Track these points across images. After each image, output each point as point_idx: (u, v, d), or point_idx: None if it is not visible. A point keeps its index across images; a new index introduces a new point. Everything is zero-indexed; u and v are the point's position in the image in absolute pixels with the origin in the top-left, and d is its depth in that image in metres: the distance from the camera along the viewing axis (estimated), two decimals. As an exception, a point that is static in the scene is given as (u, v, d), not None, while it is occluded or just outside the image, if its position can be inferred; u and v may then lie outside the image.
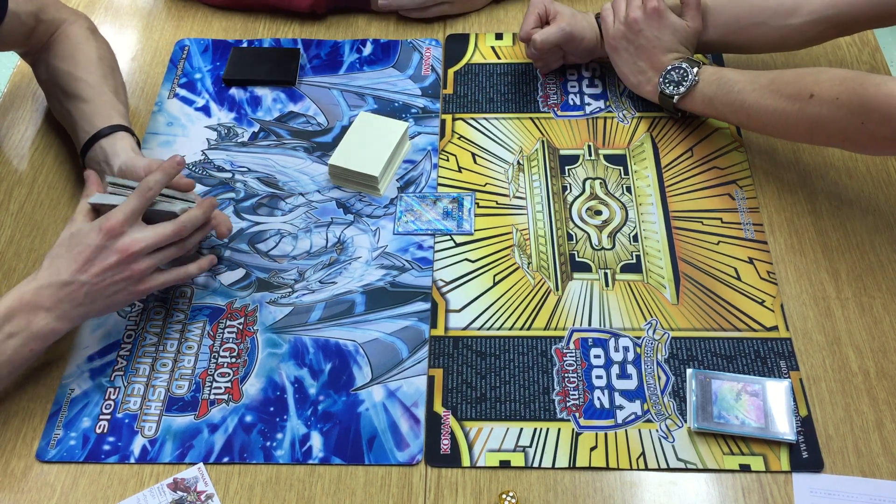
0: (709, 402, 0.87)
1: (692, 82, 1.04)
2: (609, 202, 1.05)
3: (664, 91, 1.07)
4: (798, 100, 0.95)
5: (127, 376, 0.91)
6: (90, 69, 1.03)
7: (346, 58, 1.22)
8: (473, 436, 0.87)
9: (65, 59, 1.04)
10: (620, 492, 0.83)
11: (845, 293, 0.96)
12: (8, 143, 1.13)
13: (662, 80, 1.07)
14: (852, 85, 0.90)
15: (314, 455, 0.85)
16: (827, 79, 0.93)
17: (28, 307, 0.82)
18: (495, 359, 0.92)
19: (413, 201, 1.06)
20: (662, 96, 1.07)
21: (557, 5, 1.14)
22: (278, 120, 1.15)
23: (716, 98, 1.03)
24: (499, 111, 1.15)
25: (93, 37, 1.08)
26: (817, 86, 0.93)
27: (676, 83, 1.05)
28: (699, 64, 1.05)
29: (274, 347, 0.93)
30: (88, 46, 1.05)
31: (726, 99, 1.02)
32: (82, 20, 1.09)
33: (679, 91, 1.05)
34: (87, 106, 1.00)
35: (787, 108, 0.96)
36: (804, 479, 0.83)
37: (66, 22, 1.08)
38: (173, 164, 0.88)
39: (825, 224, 1.02)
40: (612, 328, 0.94)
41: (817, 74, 0.95)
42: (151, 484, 0.84)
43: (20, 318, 0.82)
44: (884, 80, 0.89)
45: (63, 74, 1.03)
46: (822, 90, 0.93)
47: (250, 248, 1.02)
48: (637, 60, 1.09)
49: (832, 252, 1.00)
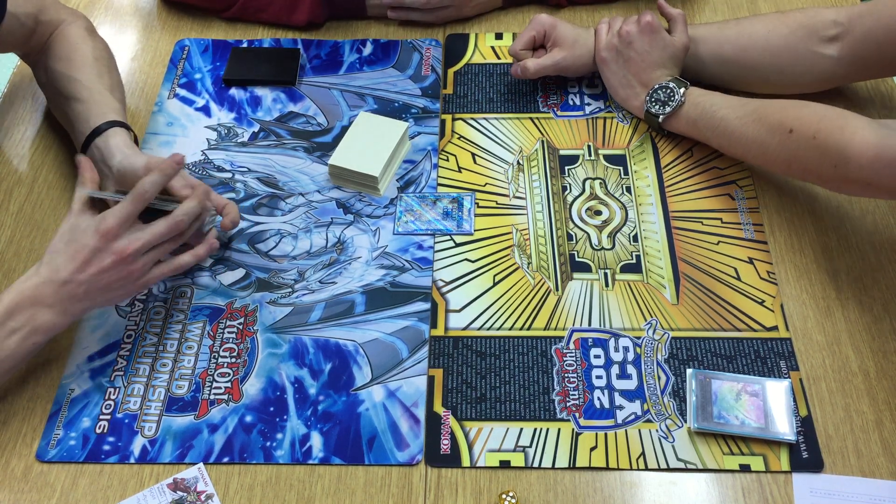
0: (709, 402, 0.87)
1: (678, 103, 1.04)
2: (609, 202, 1.05)
3: (650, 110, 1.07)
4: (778, 133, 0.94)
5: (127, 376, 0.91)
6: (85, 70, 1.03)
7: (345, 58, 1.22)
8: (473, 436, 0.87)
9: (61, 61, 1.04)
10: (620, 492, 0.83)
11: (845, 293, 0.96)
12: (8, 143, 1.12)
13: (649, 98, 1.07)
14: (831, 126, 0.90)
15: (314, 455, 0.85)
16: (808, 114, 0.92)
17: (29, 302, 0.83)
18: (495, 359, 0.92)
19: (413, 201, 1.06)
20: (648, 115, 1.08)
21: (560, 31, 1.12)
22: (278, 120, 1.15)
23: (699, 121, 1.03)
24: (499, 111, 1.15)
25: (90, 37, 1.07)
26: (798, 121, 0.93)
27: (663, 102, 1.05)
28: (686, 84, 1.05)
29: (274, 347, 0.93)
30: (85, 47, 1.05)
31: (709, 123, 1.02)
32: (80, 20, 1.09)
33: (664, 111, 1.05)
34: (82, 106, 1.00)
35: (767, 139, 0.96)
36: (804, 479, 0.83)
37: (64, 23, 1.07)
38: (172, 164, 0.88)
39: (825, 224, 1.02)
40: (612, 328, 0.94)
41: (800, 109, 0.94)
42: (151, 484, 0.84)
43: (22, 315, 0.83)
44: (862, 125, 0.88)
45: (60, 77, 1.03)
46: (801, 126, 0.92)
47: (250, 248, 1.02)
48: (626, 73, 1.09)
49: (832, 252, 1.00)
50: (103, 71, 1.05)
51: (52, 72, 1.04)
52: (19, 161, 1.11)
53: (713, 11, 1.27)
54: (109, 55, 1.09)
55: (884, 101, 1.14)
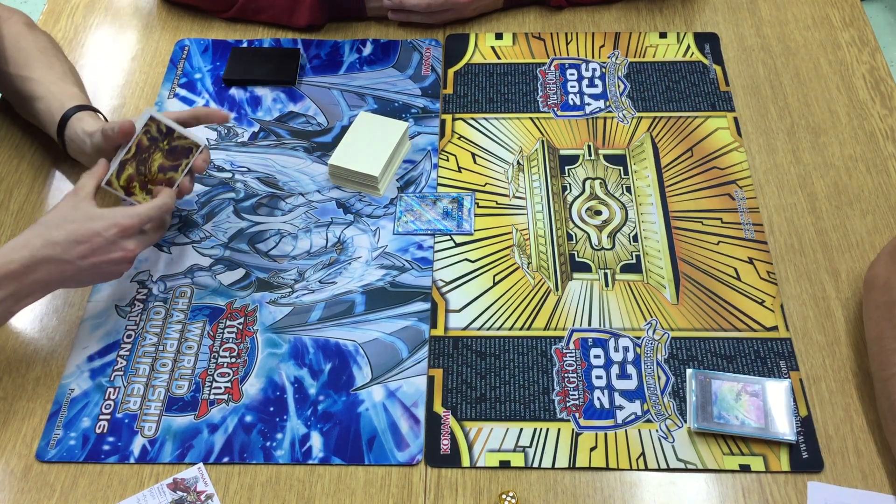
0: (709, 402, 0.87)
1: None
2: (609, 202, 1.05)
3: None
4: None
5: (127, 376, 0.91)
6: (33, 65, 1.03)
7: (345, 58, 1.22)
8: (473, 436, 0.87)
9: (8, 62, 1.04)
10: (620, 492, 0.83)
11: (845, 293, 0.96)
12: (8, 143, 1.12)
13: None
14: None
15: (314, 455, 0.85)
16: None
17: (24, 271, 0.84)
18: (495, 359, 0.92)
19: (413, 201, 1.06)
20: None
21: None
22: (278, 120, 1.15)
23: None
24: (499, 111, 1.15)
25: (29, 31, 1.07)
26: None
27: None
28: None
29: (274, 347, 0.93)
30: (27, 42, 1.05)
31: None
32: (17, 16, 1.09)
33: None
34: (42, 103, 1.01)
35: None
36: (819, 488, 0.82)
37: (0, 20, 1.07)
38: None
39: (825, 224, 1.02)
40: (612, 328, 0.94)
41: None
42: (151, 484, 0.84)
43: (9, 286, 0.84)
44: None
45: (12, 79, 1.03)
46: None
47: (250, 248, 1.02)
48: None
49: (832, 252, 1.00)
50: (52, 61, 1.05)
51: (4, 75, 1.04)
52: (19, 161, 1.11)
53: (713, 11, 1.27)
54: (54, 44, 1.09)
55: (884, 101, 1.14)
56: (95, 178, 0.91)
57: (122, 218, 0.87)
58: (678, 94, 1.16)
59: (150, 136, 0.94)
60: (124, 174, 0.93)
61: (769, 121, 1.13)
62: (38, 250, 0.84)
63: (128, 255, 0.88)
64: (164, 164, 0.95)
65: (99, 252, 0.86)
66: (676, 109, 1.14)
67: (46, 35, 1.10)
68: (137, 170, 0.93)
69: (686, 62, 1.20)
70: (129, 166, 0.93)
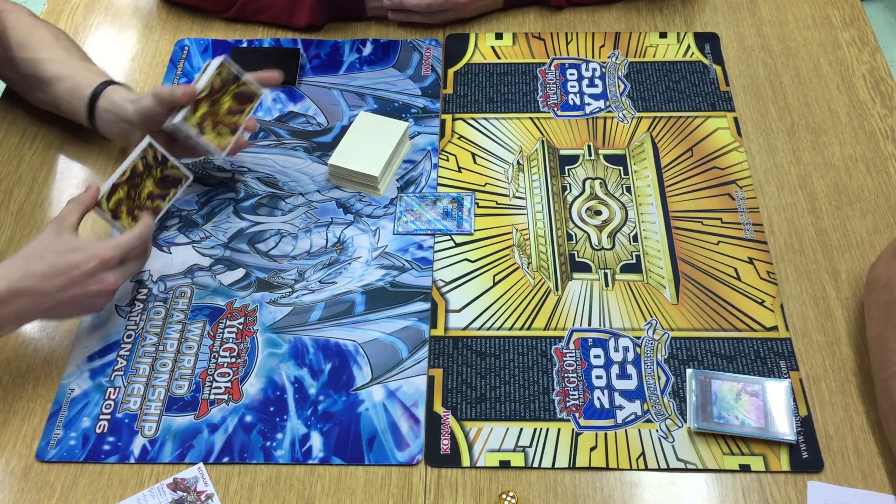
0: (709, 402, 0.87)
1: None
2: (609, 202, 1.05)
3: None
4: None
5: (127, 376, 0.91)
6: (52, 49, 1.03)
7: (345, 58, 1.22)
8: (473, 436, 0.87)
9: (23, 48, 1.03)
10: (620, 492, 0.83)
11: (845, 293, 0.96)
12: (8, 143, 1.12)
13: None
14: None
15: (314, 455, 0.85)
16: None
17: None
18: (495, 359, 0.92)
19: (413, 201, 1.06)
20: None
21: None
22: (278, 120, 1.15)
23: None
24: (499, 111, 1.15)
25: (39, 22, 1.08)
26: None
27: None
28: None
29: (274, 347, 0.93)
30: (40, 31, 1.05)
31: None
32: (21, 8, 1.09)
33: None
34: (65, 82, 1.00)
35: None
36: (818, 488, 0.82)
37: (3, 11, 1.07)
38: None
39: (825, 224, 1.02)
40: (612, 328, 0.94)
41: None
42: (151, 484, 0.84)
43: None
44: None
45: (29, 63, 1.03)
46: None
47: (250, 248, 1.02)
48: None
49: (832, 252, 1.00)
50: (69, 46, 1.05)
51: (18, 61, 1.03)
52: (19, 161, 1.11)
53: (713, 11, 1.27)
54: (66, 35, 1.09)
55: (884, 101, 1.14)
56: (81, 207, 0.89)
57: (103, 250, 0.86)
58: (678, 94, 1.16)
59: (146, 163, 0.94)
60: (115, 197, 0.92)
61: (769, 121, 1.13)
62: (16, 283, 0.82)
63: (107, 287, 0.86)
64: (154, 192, 0.95)
65: (78, 285, 0.85)
66: (676, 109, 1.14)
67: (56, 27, 1.10)
68: (128, 194, 0.93)
69: (686, 62, 1.20)
70: (121, 189, 0.92)
